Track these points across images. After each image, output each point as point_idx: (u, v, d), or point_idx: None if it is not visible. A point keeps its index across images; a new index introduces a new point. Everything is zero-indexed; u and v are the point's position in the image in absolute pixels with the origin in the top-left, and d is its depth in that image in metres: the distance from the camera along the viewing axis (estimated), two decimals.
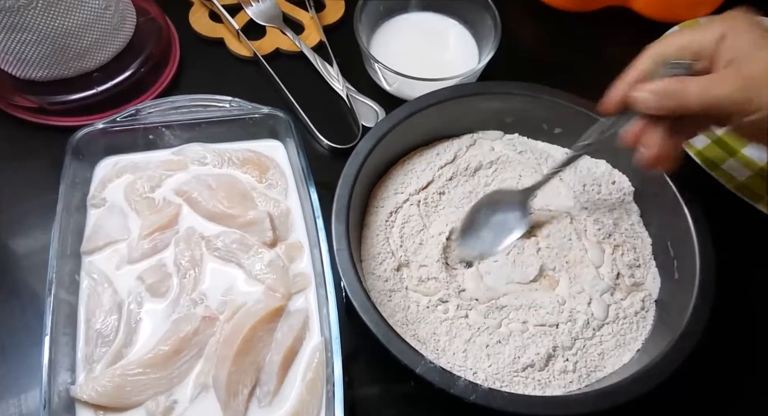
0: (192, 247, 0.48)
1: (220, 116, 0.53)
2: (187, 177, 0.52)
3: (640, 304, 0.48)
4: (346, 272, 0.43)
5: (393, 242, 0.50)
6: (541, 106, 0.53)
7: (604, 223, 0.51)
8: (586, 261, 0.50)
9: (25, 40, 0.52)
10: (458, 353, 0.45)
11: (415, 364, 0.40)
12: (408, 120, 0.51)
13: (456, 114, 0.54)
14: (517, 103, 0.54)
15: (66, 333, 0.43)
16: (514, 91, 0.53)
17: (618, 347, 0.47)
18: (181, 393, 0.42)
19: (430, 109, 0.52)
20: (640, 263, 0.50)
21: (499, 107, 0.54)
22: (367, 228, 0.50)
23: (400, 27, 0.64)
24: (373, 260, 0.49)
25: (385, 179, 0.53)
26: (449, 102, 0.52)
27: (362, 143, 0.49)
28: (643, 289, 0.49)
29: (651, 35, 0.63)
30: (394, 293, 0.47)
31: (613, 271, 0.49)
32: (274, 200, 0.51)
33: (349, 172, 0.48)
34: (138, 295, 0.46)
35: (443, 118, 0.54)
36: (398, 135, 0.51)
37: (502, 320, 0.47)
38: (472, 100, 0.53)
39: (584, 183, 0.53)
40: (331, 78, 0.63)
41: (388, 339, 0.41)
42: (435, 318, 0.46)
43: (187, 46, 0.64)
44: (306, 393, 0.43)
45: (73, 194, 0.49)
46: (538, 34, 0.71)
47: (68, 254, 0.46)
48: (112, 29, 0.57)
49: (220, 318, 0.45)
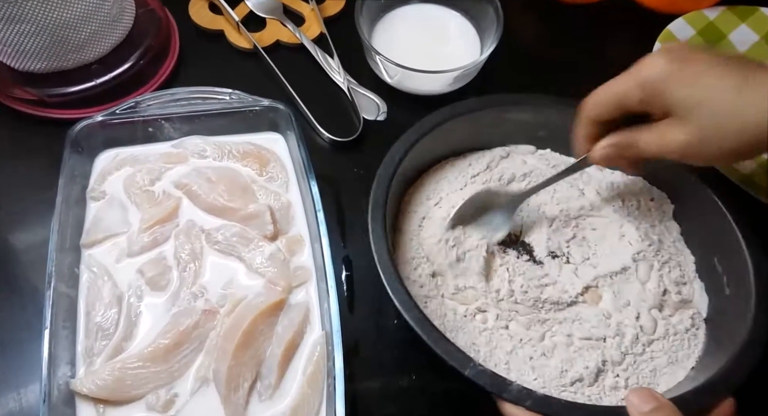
0: (192, 240, 0.48)
1: (220, 108, 0.52)
2: (187, 170, 0.52)
3: (690, 321, 0.47)
4: (386, 272, 0.42)
5: (427, 248, 0.48)
6: (572, 119, 0.52)
7: (650, 237, 0.49)
8: (631, 277, 0.48)
9: (23, 32, 0.52)
10: (500, 364, 0.44)
11: (464, 366, 0.38)
12: (440, 127, 0.50)
13: (488, 124, 0.53)
14: (551, 116, 0.52)
15: (66, 326, 0.43)
16: (549, 104, 0.52)
17: (671, 364, 0.45)
18: (182, 387, 0.42)
19: (461, 117, 0.51)
20: (686, 280, 0.49)
21: (532, 120, 0.53)
22: (400, 233, 0.49)
23: (401, 19, 0.64)
24: (407, 265, 0.47)
25: (417, 185, 0.52)
26: (482, 112, 0.51)
27: (396, 145, 0.48)
28: (691, 307, 0.48)
29: (655, 27, 0.64)
30: (430, 300, 0.46)
31: (660, 287, 0.48)
32: (275, 193, 0.51)
33: (385, 172, 0.47)
34: (138, 288, 0.46)
35: (474, 128, 0.52)
36: (429, 142, 0.50)
37: (544, 332, 0.46)
38: (505, 111, 0.52)
39: (623, 198, 0.52)
40: (331, 70, 0.62)
41: (435, 340, 0.39)
42: (473, 328, 0.45)
43: (187, 38, 0.64)
44: (307, 387, 0.42)
45: (73, 187, 0.49)
46: (540, 26, 0.71)
47: (68, 248, 0.46)
48: (110, 21, 0.56)
49: (220, 311, 0.45)
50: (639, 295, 0.47)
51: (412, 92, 0.61)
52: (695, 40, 0.64)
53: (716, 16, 0.65)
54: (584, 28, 0.69)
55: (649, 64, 0.39)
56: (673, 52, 0.38)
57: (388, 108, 0.60)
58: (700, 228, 0.50)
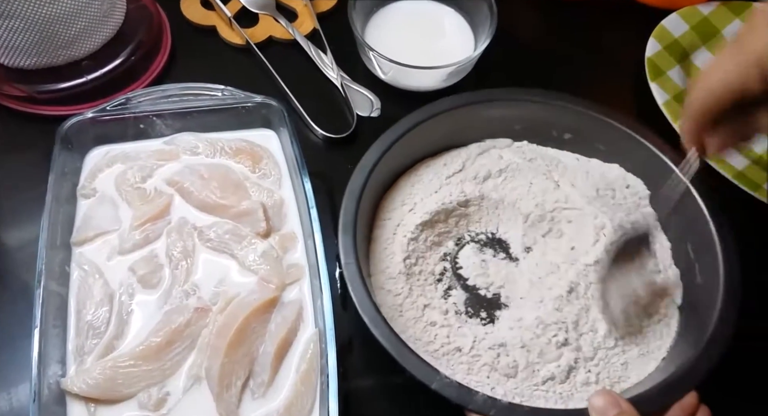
0: (184, 238, 0.48)
1: (213, 104, 0.52)
2: (178, 167, 0.51)
3: (664, 311, 0.47)
4: (355, 287, 0.42)
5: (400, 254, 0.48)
6: (550, 112, 0.52)
7: (623, 227, 0.49)
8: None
9: (12, 28, 0.51)
10: (482, 370, 0.44)
11: (430, 380, 0.39)
12: (414, 130, 0.50)
13: (463, 123, 0.52)
14: (526, 109, 0.52)
15: (56, 325, 0.42)
16: (522, 97, 0.52)
17: (642, 356, 0.45)
18: (174, 385, 0.42)
19: (436, 118, 0.50)
20: (661, 268, 0.49)
21: (507, 114, 0.53)
22: (375, 242, 0.49)
23: (395, 14, 0.63)
24: (382, 275, 0.47)
25: (392, 190, 0.52)
26: (455, 111, 0.51)
27: (367, 155, 0.48)
28: (665, 295, 0.48)
29: (650, 23, 0.63)
30: (405, 309, 0.46)
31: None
32: (268, 190, 0.51)
33: (355, 185, 0.46)
34: (129, 286, 0.45)
35: (450, 127, 0.52)
36: (404, 146, 0.50)
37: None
38: (478, 108, 0.52)
39: (597, 188, 0.52)
40: (325, 66, 0.62)
41: (402, 355, 0.40)
42: (450, 333, 0.46)
43: (179, 34, 0.63)
44: (300, 385, 0.42)
45: (63, 184, 0.48)
46: (535, 22, 0.70)
47: (58, 245, 0.46)
48: (101, 16, 0.55)
49: (212, 309, 0.45)
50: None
51: (406, 88, 0.60)
52: (689, 35, 0.63)
53: (710, 12, 0.65)
54: (579, 23, 0.69)
55: (759, 38, 0.33)
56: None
57: (381, 104, 0.60)
58: (674, 214, 0.50)
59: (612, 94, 0.63)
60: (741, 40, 0.34)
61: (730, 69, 0.35)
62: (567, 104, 0.52)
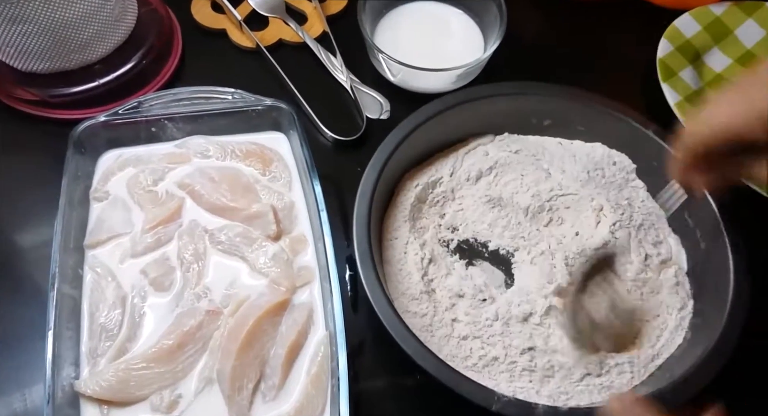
0: (195, 240, 0.48)
1: (223, 108, 0.52)
2: (190, 170, 0.52)
3: (674, 280, 0.48)
4: (392, 324, 0.42)
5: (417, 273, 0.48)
6: (526, 102, 0.53)
7: (620, 205, 0.50)
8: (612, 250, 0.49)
9: (26, 32, 0.52)
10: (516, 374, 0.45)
11: (489, 403, 0.39)
12: (404, 142, 0.50)
13: (447, 127, 0.53)
14: (503, 103, 0.53)
15: (69, 327, 0.43)
16: (496, 92, 0.53)
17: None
18: (186, 388, 0.42)
19: (420, 129, 0.51)
20: (662, 238, 0.50)
21: (487, 111, 0.54)
22: (388, 264, 0.49)
23: (404, 17, 0.63)
24: (404, 297, 0.47)
25: (393, 206, 0.52)
26: (437, 118, 0.51)
27: (364, 182, 0.48)
28: (672, 264, 0.49)
29: (661, 24, 0.63)
30: (435, 328, 0.47)
31: (641, 254, 0.49)
32: (278, 193, 0.51)
33: (361, 212, 0.46)
34: (141, 289, 0.46)
35: (434, 134, 0.53)
36: (395, 162, 0.50)
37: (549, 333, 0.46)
38: (458, 111, 0.52)
39: (587, 169, 0.53)
40: (334, 69, 0.62)
41: (458, 383, 0.40)
42: (483, 344, 0.46)
43: (189, 38, 0.64)
44: (311, 387, 0.42)
45: (76, 187, 0.49)
46: (544, 23, 0.70)
47: (71, 248, 0.46)
48: (113, 21, 0.56)
49: (224, 311, 0.45)
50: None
51: (416, 90, 0.60)
52: (701, 36, 0.63)
53: (722, 12, 0.64)
54: (589, 24, 0.68)
55: (762, 90, 0.33)
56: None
57: (391, 106, 0.60)
58: (664, 183, 0.49)
59: (623, 95, 0.62)
60: (746, 88, 0.35)
61: (734, 114, 0.34)
62: (539, 92, 0.53)
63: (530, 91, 0.53)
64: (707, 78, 0.63)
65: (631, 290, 0.48)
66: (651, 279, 0.49)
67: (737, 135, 0.35)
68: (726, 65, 0.64)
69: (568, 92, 0.53)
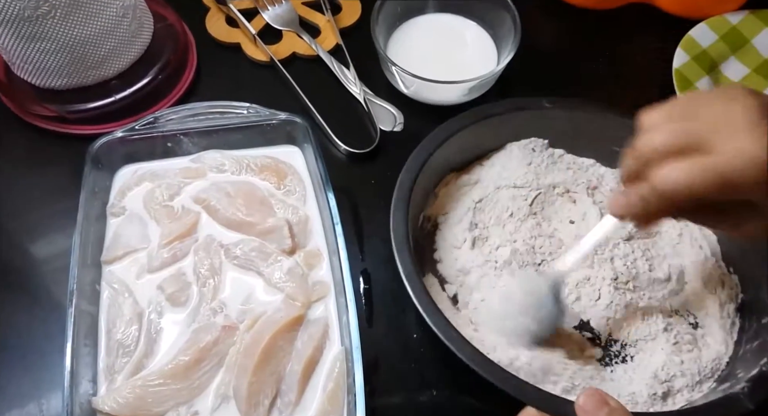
0: (211, 255, 0.48)
1: (238, 122, 0.53)
2: (205, 185, 0.52)
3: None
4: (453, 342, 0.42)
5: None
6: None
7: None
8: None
9: (44, 50, 0.52)
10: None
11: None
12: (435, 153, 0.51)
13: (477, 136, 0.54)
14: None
15: (87, 343, 0.43)
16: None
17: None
18: (202, 404, 0.42)
19: (455, 136, 0.52)
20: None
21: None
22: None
23: (417, 29, 0.64)
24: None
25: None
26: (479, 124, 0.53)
27: (398, 193, 0.48)
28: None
29: (676, 33, 0.62)
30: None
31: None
32: (293, 207, 0.51)
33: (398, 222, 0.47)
34: (158, 305, 0.46)
35: (465, 144, 0.54)
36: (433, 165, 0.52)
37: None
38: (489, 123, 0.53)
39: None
40: (348, 82, 0.62)
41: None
42: None
43: (204, 52, 0.64)
44: (327, 404, 0.42)
45: (93, 203, 0.49)
46: (558, 34, 0.70)
47: (89, 264, 0.46)
48: (129, 37, 0.56)
49: (240, 327, 0.45)
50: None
51: (429, 103, 0.60)
52: (718, 45, 0.62)
53: (739, 21, 0.63)
54: (604, 35, 0.68)
55: (739, 170, 0.33)
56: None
57: (405, 119, 0.60)
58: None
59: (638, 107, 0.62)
60: (720, 161, 0.34)
61: (697, 180, 0.35)
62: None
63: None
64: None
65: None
66: None
67: (695, 197, 0.35)
68: (744, 75, 0.63)
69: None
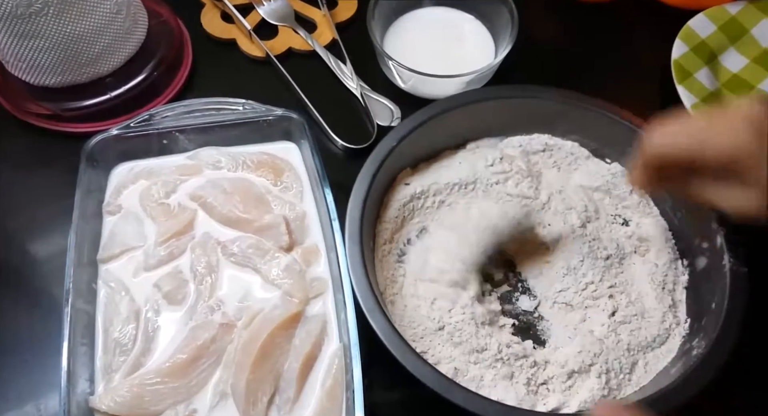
0: (208, 253, 0.48)
1: (234, 119, 0.52)
2: (201, 182, 0.52)
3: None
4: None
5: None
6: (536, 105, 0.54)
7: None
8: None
9: (37, 47, 0.52)
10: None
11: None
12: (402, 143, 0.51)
13: (447, 129, 0.54)
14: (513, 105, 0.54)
15: (84, 343, 0.43)
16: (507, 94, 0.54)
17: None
18: (200, 402, 0.42)
19: (417, 131, 0.51)
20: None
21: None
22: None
23: (414, 23, 0.63)
24: (408, 330, 0.46)
25: (384, 209, 0.51)
26: (435, 119, 0.52)
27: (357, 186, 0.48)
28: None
29: (675, 24, 0.62)
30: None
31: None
32: (290, 204, 0.51)
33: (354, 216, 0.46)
34: (155, 303, 0.46)
35: (434, 137, 0.54)
36: (391, 164, 0.51)
37: None
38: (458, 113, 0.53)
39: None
40: (344, 77, 0.62)
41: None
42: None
43: (200, 48, 0.64)
44: (326, 400, 0.42)
45: (89, 201, 0.49)
46: (556, 26, 0.69)
47: (85, 263, 0.46)
48: (124, 33, 0.56)
49: (237, 324, 0.45)
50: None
51: (427, 97, 0.60)
52: (717, 36, 0.62)
53: (738, 11, 0.63)
54: (602, 27, 0.68)
55: (734, 139, 0.36)
56: (759, 129, 0.35)
57: (402, 113, 0.60)
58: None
59: (637, 98, 0.62)
60: (719, 130, 0.37)
61: (694, 141, 0.37)
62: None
63: (541, 95, 0.53)
64: (724, 79, 0.62)
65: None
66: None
67: (690, 158, 0.38)
68: (743, 65, 0.62)
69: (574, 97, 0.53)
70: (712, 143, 0.36)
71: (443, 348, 0.45)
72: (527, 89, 0.53)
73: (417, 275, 0.48)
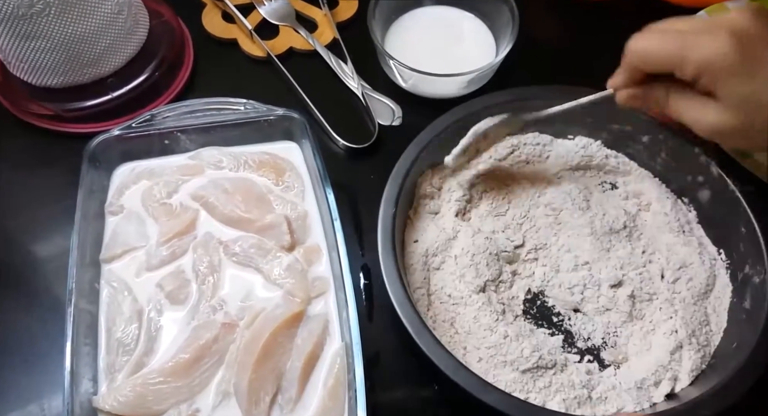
0: (210, 252, 0.48)
1: (235, 118, 0.52)
2: (203, 182, 0.52)
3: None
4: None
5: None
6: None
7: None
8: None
9: (39, 48, 0.52)
10: None
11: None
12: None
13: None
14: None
15: (87, 343, 0.43)
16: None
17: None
18: (203, 402, 0.42)
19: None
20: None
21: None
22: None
23: (414, 22, 0.63)
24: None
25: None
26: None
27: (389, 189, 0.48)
28: None
29: None
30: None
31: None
32: (291, 203, 0.51)
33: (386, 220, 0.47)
34: (158, 303, 0.46)
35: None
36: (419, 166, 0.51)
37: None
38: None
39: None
40: (345, 76, 0.62)
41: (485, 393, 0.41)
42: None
43: (201, 48, 0.64)
44: (328, 400, 0.42)
45: (91, 201, 0.49)
46: (557, 25, 0.69)
47: (87, 263, 0.46)
48: (125, 34, 0.56)
49: (239, 324, 0.45)
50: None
51: (427, 96, 0.60)
52: None
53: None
54: (602, 26, 0.67)
55: (714, 47, 0.36)
56: (742, 40, 0.36)
57: (403, 112, 0.60)
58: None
59: None
60: (700, 38, 0.37)
61: (674, 50, 0.38)
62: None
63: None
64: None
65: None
66: None
67: (667, 65, 0.39)
68: None
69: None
70: (693, 50, 0.37)
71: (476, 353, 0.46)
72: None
73: (444, 279, 0.49)
